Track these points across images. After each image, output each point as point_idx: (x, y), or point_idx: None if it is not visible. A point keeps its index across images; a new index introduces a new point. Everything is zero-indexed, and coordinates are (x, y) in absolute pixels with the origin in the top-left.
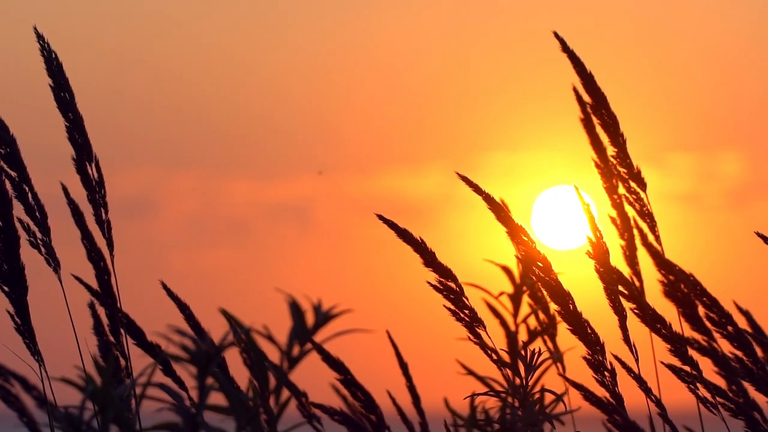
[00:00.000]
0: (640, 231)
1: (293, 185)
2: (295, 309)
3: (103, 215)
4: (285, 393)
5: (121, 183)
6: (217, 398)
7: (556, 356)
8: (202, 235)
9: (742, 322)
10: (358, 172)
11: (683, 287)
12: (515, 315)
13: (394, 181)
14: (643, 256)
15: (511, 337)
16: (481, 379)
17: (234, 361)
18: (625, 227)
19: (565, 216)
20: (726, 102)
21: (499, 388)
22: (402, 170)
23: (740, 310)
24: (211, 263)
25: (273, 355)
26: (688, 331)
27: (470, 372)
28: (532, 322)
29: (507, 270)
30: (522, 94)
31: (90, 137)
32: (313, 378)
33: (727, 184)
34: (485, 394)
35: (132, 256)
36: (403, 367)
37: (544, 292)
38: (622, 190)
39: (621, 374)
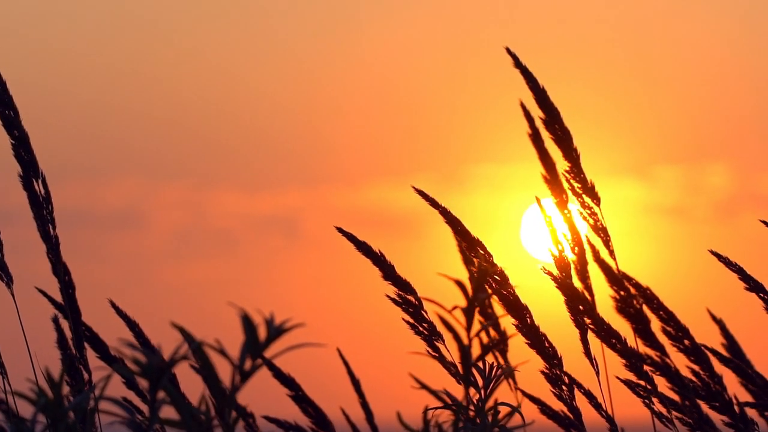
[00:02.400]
0: (593, 247)
1: (282, 197)
2: (247, 323)
3: (51, 231)
4: (236, 406)
5: (110, 195)
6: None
7: (508, 371)
8: (190, 247)
9: (715, 332)
10: (347, 184)
11: (636, 303)
12: (468, 329)
13: (382, 193)
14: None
15: (464, 350)
16: (434, 393)
17: (194, 376)
18: (575, 242)
19: (555, 228)
20: (713, 114)
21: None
22: (391, 182)
23: (714, 318)
24: (200, 274)
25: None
26: (643, 347)
27: (423, 386)
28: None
29: (460, 284)
30: (511, 106)
31: (79, 150)
32: (269, 391)
33: (714, 196)
34: (441, 408)
35: (121, 267)
36: (355, 384)
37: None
38: (576, 203)
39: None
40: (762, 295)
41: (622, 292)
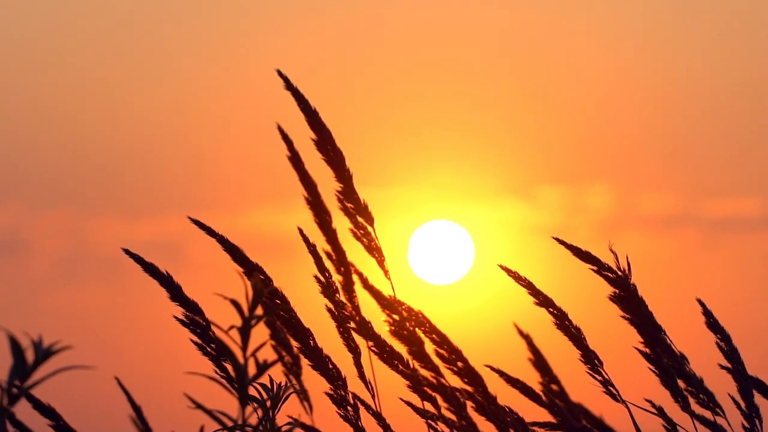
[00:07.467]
0: (360, 275)
1: (164, 223)
2: (15, 346)
3: None
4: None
5: None
6: None
7: (294, 390)
8: (74, 274)
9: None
10: (229, 210)
11: (409, 325)
12: (244, 348)
13: (265, 218)
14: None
15: (239, 369)
16: (209, 413)
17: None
18: (341, 262)
19: (441, 251)
20: (594, 135)
21: (230, 423)
22: (273, 207)
23: (521, 333)
24: (84, 301)
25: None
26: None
27: (199, 406)
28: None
29: (235, 303)
30: (393, 128)
31: None
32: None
33: (595, 216)
34: (220, 430)
35: (3, 293)
36: (136, 410)
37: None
38: (349, 224)
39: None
40: (551, 309)
41: (394, 316)
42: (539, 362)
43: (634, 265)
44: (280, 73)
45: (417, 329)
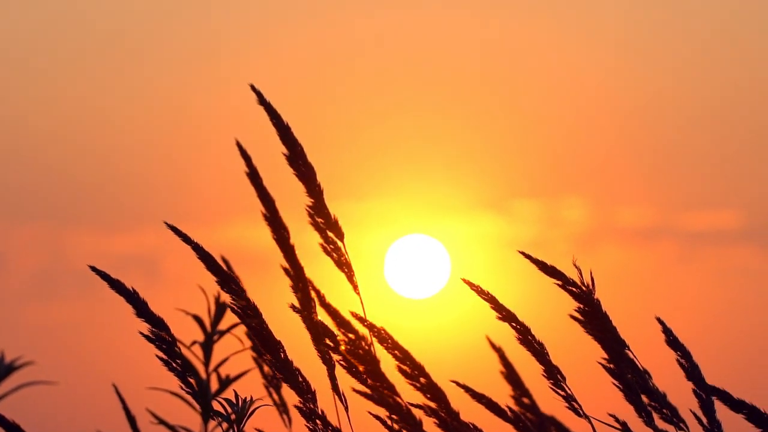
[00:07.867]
0: (318, 292)
1: (141, 236)
2: None
3: None
4: None
5: None
6: None
7: (258, 406)
8: (51, 288)
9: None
10: (205, 223)
11: (365, 344)
12: (206, 363)
13: (243, 231)
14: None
15: (201, 384)
16: (172, 428)
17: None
18: (299, 278)
19: (417, 265)
20: (570, 147)
21: None
22: (249, 221)
23: (493, 347)
24: (62, 315)
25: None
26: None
27: (161, 421)
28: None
29: (198, 319)
30: (369, 142)
31: None
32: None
33: (572, 230)
34: None
35: None
36: (131, 420)
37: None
38: (319, 239)
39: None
40: (514, 324)
41: (350, 335)
42: (511, 376)
43: (610, 278)
44: (253, 88)
45: (379, 346)
